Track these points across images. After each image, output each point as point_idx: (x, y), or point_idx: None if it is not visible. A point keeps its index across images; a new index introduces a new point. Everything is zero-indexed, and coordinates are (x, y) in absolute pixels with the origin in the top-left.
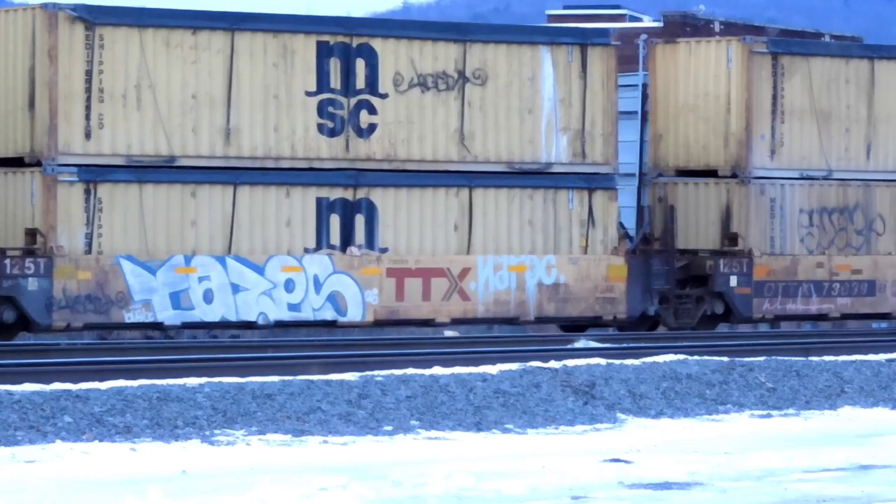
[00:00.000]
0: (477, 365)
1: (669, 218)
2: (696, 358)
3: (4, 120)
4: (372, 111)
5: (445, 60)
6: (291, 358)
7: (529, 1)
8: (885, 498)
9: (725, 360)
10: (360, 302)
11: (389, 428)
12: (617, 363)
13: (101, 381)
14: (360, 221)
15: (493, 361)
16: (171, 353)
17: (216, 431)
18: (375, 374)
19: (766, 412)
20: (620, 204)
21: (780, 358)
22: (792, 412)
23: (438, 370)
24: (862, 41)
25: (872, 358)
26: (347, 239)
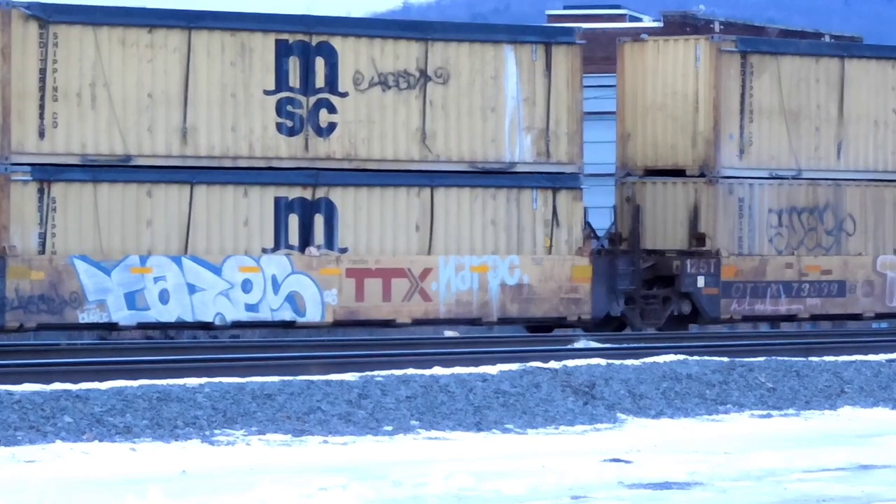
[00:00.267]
0: (477, 365)
1: (635, 218)
2: (696, 358)
3: None
4: (332, 110)
5: (407, 59)
6: (291, 358)
7: (529, 1)
8: (885, 498)
9: (725, 360)
10: (318, 302)
11: (389, 428)
12: (617, 363)
13: (101, 381)
14: (319, 221)
15: (493, 361)
16: (171, 353)
17: (216, 431)
18: (375, 374)
19: (766, 412)
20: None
21: (780, 358)
22: (792, 412)
23: (438, 370)
24: (862, 41)
25: (872, 358)
26: (306, 239)
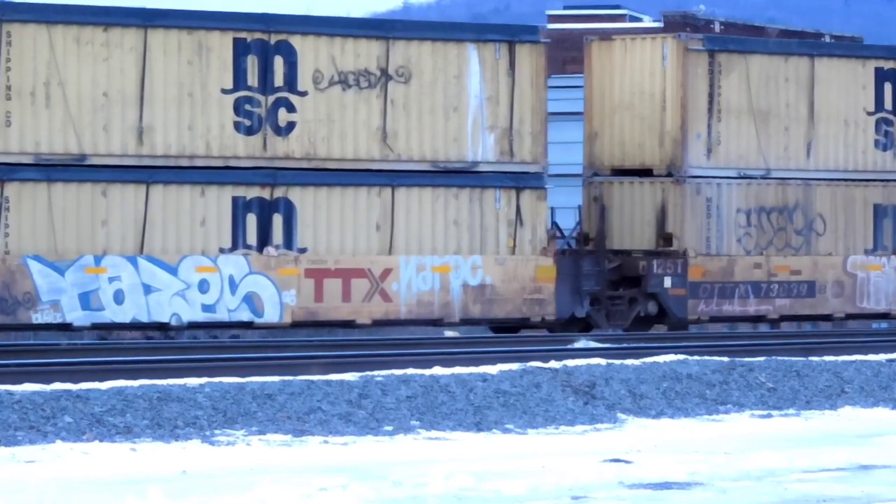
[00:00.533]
0: (477, 365)
1: (601, 217)
2: (696, 358)
3: None
4: (291, 109)
5: (368, 58)
6: (292, 358)
7: (529, 1)
8: (885, 498)
9: (725, 360)
10: (277, 303)
11: (390, 428)
12: (617, 363)
13: (101, 381)
14: (277, 221)
15: (493, 361)
16: (171, 353)
17: (216, 431)
18: (376, 374)
19: (766, 412)
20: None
21: (780, 358)
22: (792, 412)
23: (439, 370)
24: (862, 41)
25: (872, 358)
26: (264, 239)
